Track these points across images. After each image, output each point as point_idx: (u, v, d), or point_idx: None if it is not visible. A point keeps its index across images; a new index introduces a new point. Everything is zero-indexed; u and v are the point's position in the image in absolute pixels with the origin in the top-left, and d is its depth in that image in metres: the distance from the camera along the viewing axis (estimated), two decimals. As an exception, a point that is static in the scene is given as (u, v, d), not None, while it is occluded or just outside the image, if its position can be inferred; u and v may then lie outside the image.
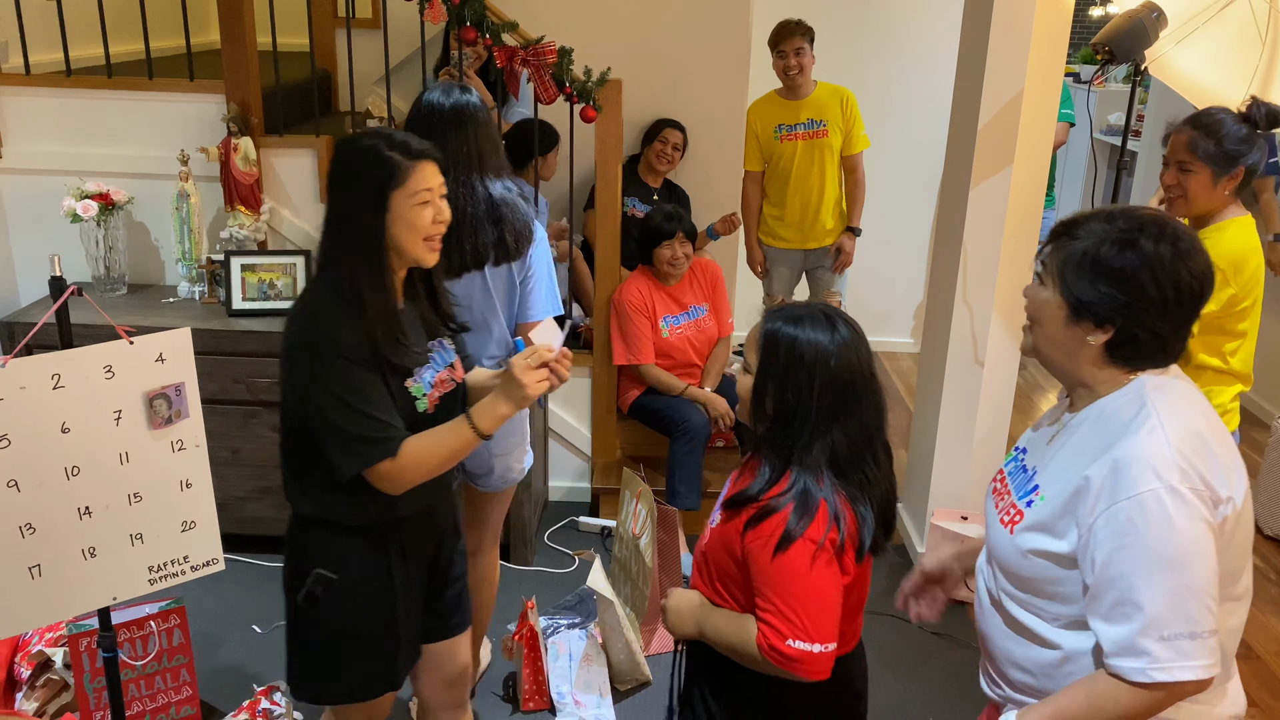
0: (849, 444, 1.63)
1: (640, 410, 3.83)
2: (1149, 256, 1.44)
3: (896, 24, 5.49)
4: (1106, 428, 1.50)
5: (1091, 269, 1.47)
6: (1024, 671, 1.61)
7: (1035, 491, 1.57)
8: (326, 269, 1.89)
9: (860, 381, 1.64)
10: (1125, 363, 1.51)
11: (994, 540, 1.63)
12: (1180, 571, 1.39)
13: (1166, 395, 1.50)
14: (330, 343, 1.80)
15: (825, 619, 1.61)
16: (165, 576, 2.16)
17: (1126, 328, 1.47)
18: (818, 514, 1.60)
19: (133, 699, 2.67)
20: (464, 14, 3.35)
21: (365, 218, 1.83)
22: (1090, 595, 1.46)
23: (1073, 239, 1.51)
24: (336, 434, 1.81)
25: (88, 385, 1.97)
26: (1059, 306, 1.51)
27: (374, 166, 1.82)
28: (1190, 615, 1.39)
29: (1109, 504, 1.43)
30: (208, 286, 3.56)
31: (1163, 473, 1.40)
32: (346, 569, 1.95)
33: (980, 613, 1.72)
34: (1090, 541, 1.45)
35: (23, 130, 3.59)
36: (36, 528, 1.97)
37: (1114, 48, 2.92)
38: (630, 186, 4.19)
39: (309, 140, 3.62)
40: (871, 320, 5.97)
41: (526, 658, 2.90)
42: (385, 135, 1.87)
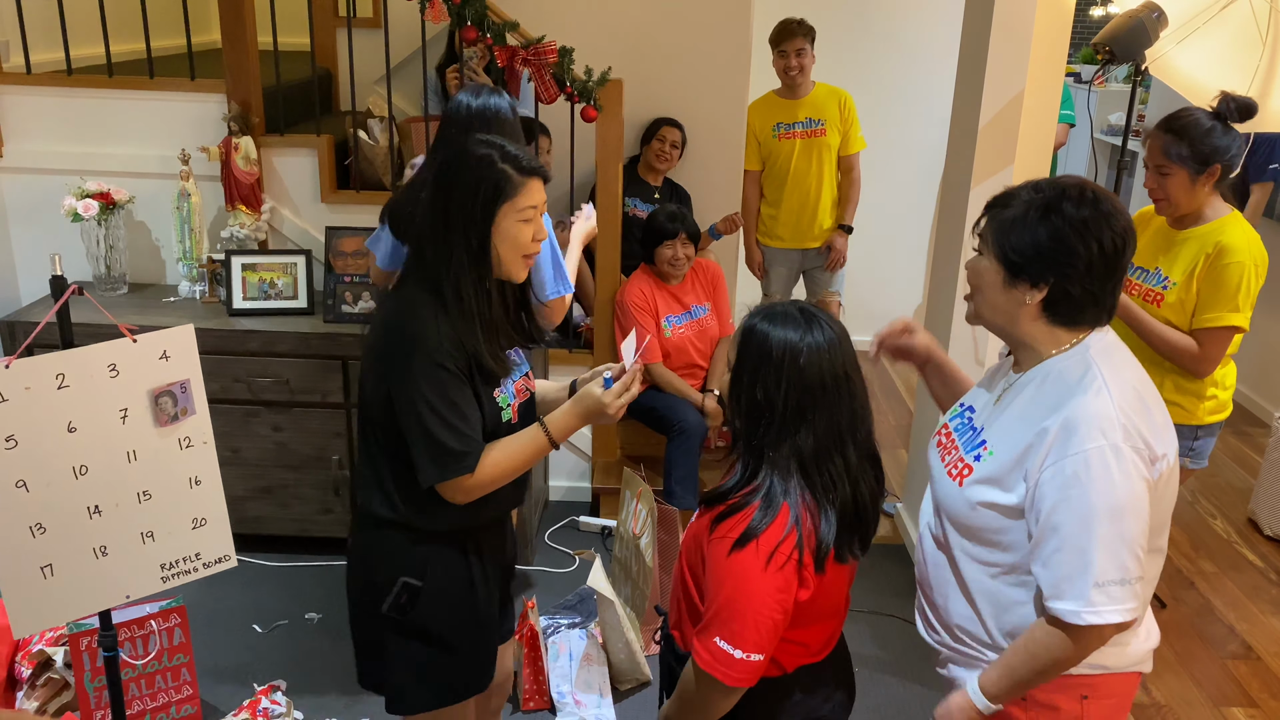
0: (816, 445, 1.60)
1: (639, 410, 3.83)
2: (1072, 219, 1.55)
3: (897, 24, 5.49)
4: (1054, 388, 1.60)
5: (1022, 233, 1.58)
6: (962, 616, 1.72)
7: (983, 446, 1.67)
8: (426, 273, 1.86)
9: (832, 382, 1.59)
10: (1064, 320, 1.61)
11: (942, 492, 1.72)
12: (1117, 523, 1.51)
13: (1109, 358, 1.61)
14: (433, 350, 1.79)
15: (759, 628, 1.57)
16: (177, 574, 2.16)
17: (1059, 285, 1.57)
18: (777, 517, 1.57)
19: (133, 698, 2.67)
20: (465, 14, 3.35)
21: (475, 228, 1.82)
22: (1033, 543, 1.57)
23: (1005, 208, 1.63)
24: (427, 442, 1.80)
25: (93, 384, 1.97)
26: (996, 272, 1.62)
27: (487, 177, 1.82)
28: (1123, 563, 1.52)
29: (1057, 459, 1.53)
30: (208, 286, 3.56)
31: (1108, 431, 1.51)
32: (430, 575, 1.94)
33: (925, 561, 1.81)
34: (1036, 493, 1.56)
35: (24, 129, 3.59)
36: (47, 527, 1.97)
37: (1115, 48, 2.92)
38: (631, 187, 4.19)
39: (310, 140, 3.62)
40: (871, 321, 5.94)
41: (527, 657, 2.90)
42: (499, 146, 1.86)
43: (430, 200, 1.87)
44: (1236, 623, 3.42)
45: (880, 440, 1.97)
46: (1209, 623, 3.42)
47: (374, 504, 1.93)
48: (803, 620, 1.64)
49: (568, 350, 3.92)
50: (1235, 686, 3.10)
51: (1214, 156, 2.48)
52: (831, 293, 4.71)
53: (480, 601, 2.02)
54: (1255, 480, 4.16)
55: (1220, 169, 2.50)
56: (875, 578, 3.56)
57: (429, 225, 1.86)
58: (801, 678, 1.72)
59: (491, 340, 1.88)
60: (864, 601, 3.40)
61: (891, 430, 4.82)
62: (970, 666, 1.73)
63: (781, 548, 1.56)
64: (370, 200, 3.64)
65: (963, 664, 1.75)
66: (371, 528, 1.95)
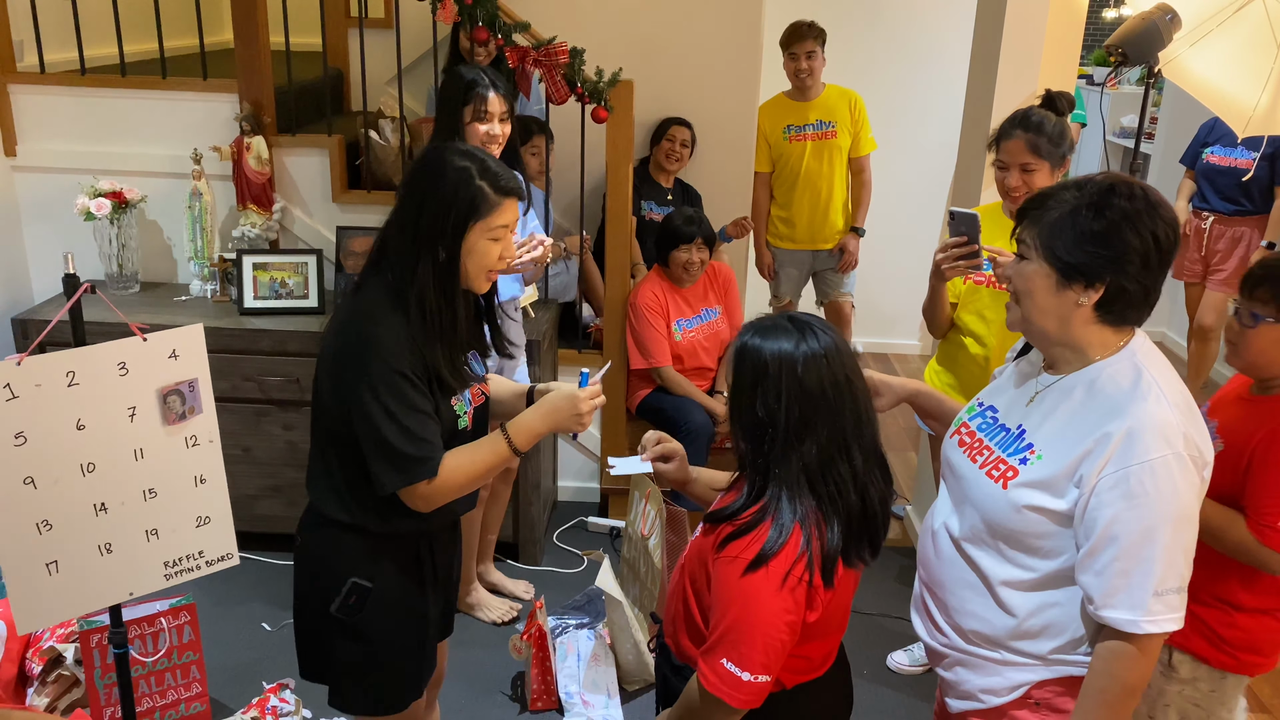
0: (821, 455, 1.56)
1: (647, 410, 3.83)
2: (1126, 212, 1.52)
3: (908, 25, 5.48)
4: (1107, 392, 1.56)
5: (1074, 232, 1.54)
6: (979, 620, 1.69)
7: (1030, 450, 1.62)
8: (389, 278, 1.83)
9: (832, 389, 1.56)
10: (1115, 319, 1.58)
11: (980, 494, 1.67)
12: (1179, 532, 1.50)
13: (1155, 362, 1.59)
14: (390, 356, 1.77)
15: (768, 650, 1.55)
16: (181, 571, 2.17)
17: (1115, 282, 1.53)
18: (790, 539, 1.54)
19: (143, 695, 2.68)
20: (476, 14, 3.35)
21: (444, 241, 1.80)
22: (1086, 552, 1.54)
23: (1046, 210, 1.58)
24: (383, 449, 1.78)
25: (102, 382, 1.97)
26: (1047, 275, 1.57)
27: (463, 192, 1.80)
28: (1180, 572, 1.51)
29: (1119, 466, 1.50)
30: (219, 285, 3.58)
31: (1172, 440, 1.49)
32: (381, 577, 1.92)
33: (934, 560, 1.77)
34: (1092, 501, 1.52)
35: (37, 128, 3.61)
36: (53, 524, 1.98)
37: (1127, 50, 2.91)
38: (643, 188, 4.19)
39: (321, 140, 3.63)
40: (881, 322, 5.99)
41: (535, 657, 2.91)
42: (478, 160, 1.83)
43: (402, 206, 1.84)
44: (1248, 628, 3.40)
45: (889, 443, 1.97)
46: (1220, 628, 3.40)
47: (328, 506, 1.91)
48: (808, 637, 1.62)
49: (577, 350, 3.93)
50: (1246, 691, 3.08)
51: (1068, 150, 2.57)
52: (843, 294, 4.70)
53: (428, 606, 2.01)
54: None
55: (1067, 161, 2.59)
56: (883, 580, 3.56)
57: (397, 231, 1.83)
58: (801, 693, 1.70)
59: (451, 350, 1.86)
60: (872, 604, 3.39)
61: (901, 433, 4.80)
62: (976, 670, 1.71)
63: (794, 571, 1.53)
64: (381, 200, 3.65)
65: (969, 667, 1.73)
66: (324, 526, 1.93)
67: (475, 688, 2.97)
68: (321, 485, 1.93)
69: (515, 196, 1.85)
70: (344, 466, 1.88)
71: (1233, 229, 4.67)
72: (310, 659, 2.04)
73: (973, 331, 2.75)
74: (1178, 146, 5.80)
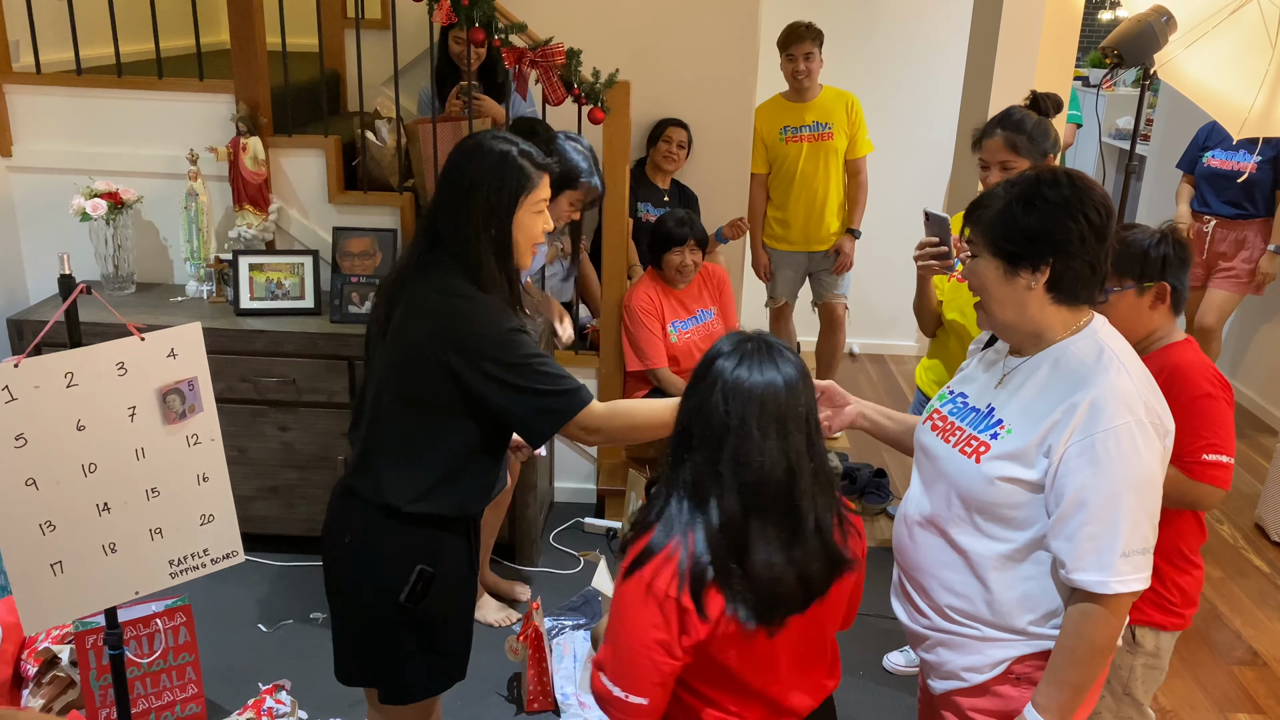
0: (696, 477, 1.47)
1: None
2: (1055, 198, 1.62)
3: (906, 27, 5.49)
4: (1071, 367, 1.65)
5: (1010, 222, 1.65)
6: (957, 595, 1.74)
7: (1000, 425, 1.70)
8: (453, 259, 1.93)
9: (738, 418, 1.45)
10: (1067, 297, 1.66)
11: (954, 470, 1.73)
12: (1142, 495, 1.58)
13: (1115, 340, 1.69)
14: (498, 319, 1.89)
15: (636, 667, 1.46)
16: (186, 570, 2.18)
17: (1060, 262, 1.63)
18: (667, 544, 1.46)
19: (138, 697, 2.68)
20: (473, 15, 3.35)
21: (497, 218, 1.92)
22: (1056, 518, 1.61)
23: (985, 209, 1.69)
24: (537, 399, 1.88)
25: (101, 383, 1.98)
26: (995, 267, 1.67)
27: (510, 171, 1.92)
28: (1144, 533, 1.59)
29: (1084, 434, 1.58)
30: (215, 286, 3.57)
31: (1134, 408, 1.58)
32: (442, 562, 2.00)
33: (909, 546, 1.83)
34: (1061, 468, 1.60)
35: (33, 129, 3.60)
36: (57, 525, 1.98)
37: (1123, 52, 2.92)
38: (639, 190, 4.19)
39: (318, 140, 3.63)
40: (877, 323, 6.00)
41: (531, 658, 2.91)
42: (513, 140, 1.96)
43: (449, 192, 1.94)
44: (1243, 628, 3.41)
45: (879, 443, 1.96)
46: (1215, 628, 3.41)
47: (400, 497, 1.95)
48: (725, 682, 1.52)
49: (574, 352, 3.93)
50: (1241, 692, 3.09)
51: (1050, 148, 2.60)
52: (837, 295, 4.71)
53: (476, 582, 2.15)
54: (1263, 486, 4.15)
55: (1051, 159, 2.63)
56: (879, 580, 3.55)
57: (449, 217, 1.93)
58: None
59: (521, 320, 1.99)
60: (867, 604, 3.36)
61: (897, 434, 4.82)
62: (958, 649, 1.76)
63: (659, 580, 1.44)
64: (377, 201, 3.65)
65: (951, 647, 1.77)
66: (382, 518, 1.97)
67: (471, 689, 2.97)
68: (398, 481, 1.96)
69: (549, 172, 1.99)
70: (431, 456, 1.95)
71: (1235, 232, 4.63)
72: (366, 662, 2.06)
73: (957, 328, 2.78)
74: (1173, 148, 5.82)
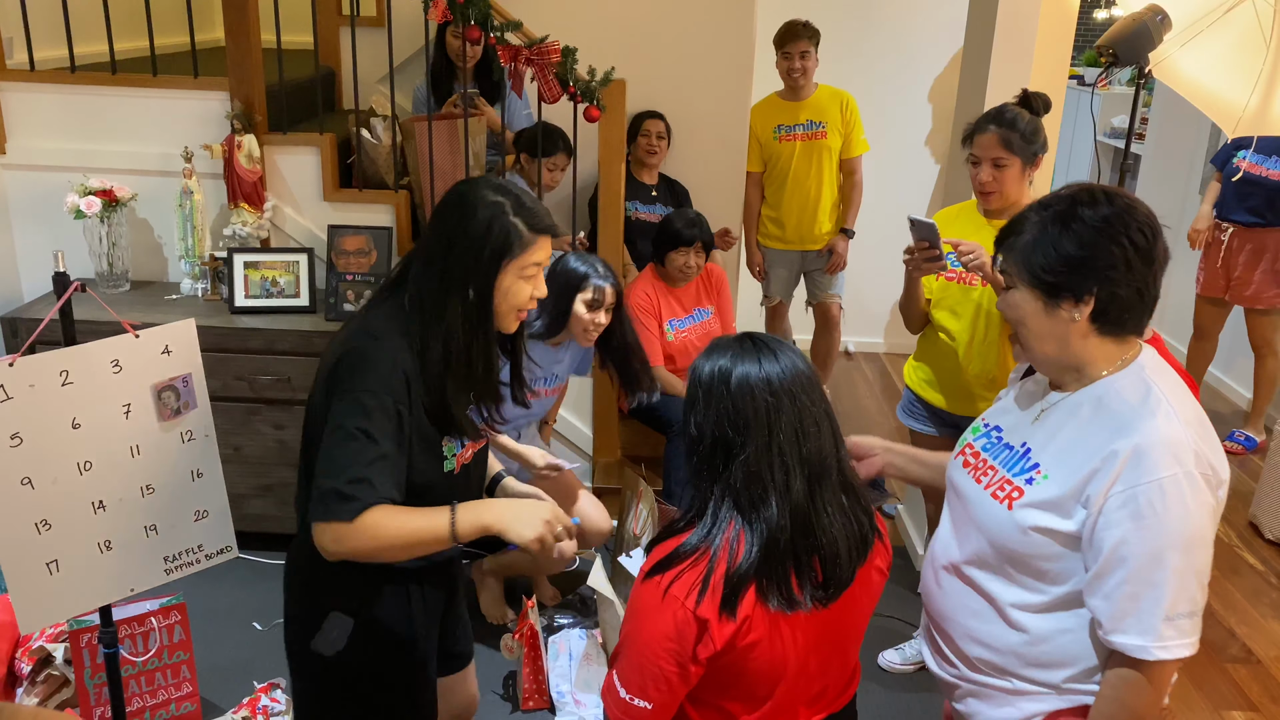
0: (746, 472, 1.45)
1: (640, 410, 3.83)
2: (1094, 221, 1.50)
3: (902, 26, 5.49)
4: (1115, 409, 1.52)
5: (1049, 250, 1.52)
6: (986, 648, 1.63)
7: (1036, 470, 1.58)
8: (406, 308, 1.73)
9: (766, 407, 1.44)
10: (1113, 328, 1.54)
11: (985, 515, 1.62)
12: (1190, 554, 1.45)
13: (1165, 377, 1.55)
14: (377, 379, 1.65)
15: (643, 672, 1.44)
16: (181, 566, 2.18)
17: (1105, 290, 1.50)
18: (696, 553, 1.44)
19: (133, 695, 2.67)
20: (468, 12, 3.35)
21: (476, 281, 1.70)
22: (1094, 574, 1.49)
23: (1019, 235, 1.56)
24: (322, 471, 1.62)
25: (96, 380, 1.98)
26: (1035, 299, 1.55)
27: (497, 229, 1.69)
28: (1192, 595, 1.46)
29: (1128, 486, 1.45)
30: (210, 284, 3.57)
31: (1182, 458, 1.45)
32: (371, 611, 1.81)
33: (936, 592, 1.73)
34: (1100, 521, 1.48)
35: (27, 126, 3.59)
36: (52, 523, 1.98)
37: (1118, 51, 2.92)
38: (627, 189, 4.18)
39: (313, 138, 3.62)
40: (873, 323, 6.00)
41: (526, 657, 2.90)
42: (514, 196, 1.73)
43: (429, 241, 1.75)
44: (1237, 626, 3.42)
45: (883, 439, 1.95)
46: (1210, 626, 3.42)
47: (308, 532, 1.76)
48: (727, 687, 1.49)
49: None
50: (1236, 690, 3.09)
51: (1041, 147, 2.59)
52: (831, 295, 4.71)
53: (419, 637, 1.89)
54: (1256, 484, 4.16)
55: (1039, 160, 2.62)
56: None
57: (423, 266, 1.73)
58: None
59: (469, 394, 1.76)
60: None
61: (894, 432, 4.82)
62: (988, 701, 1.66)
63: (678, 584, 1.42)
64: (372, 199, 3.64)
65: (981, 698, 1.68)
66: (310, 555, 1.73)
67: (467, 687, 2.97)
68: None
69: (550, 234, 1.76)
70: None
71: (1253, 242, 4.41)
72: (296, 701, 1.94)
73: (944, 327, 2.79)
74: (1168, 147, 5.84)
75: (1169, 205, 5.83)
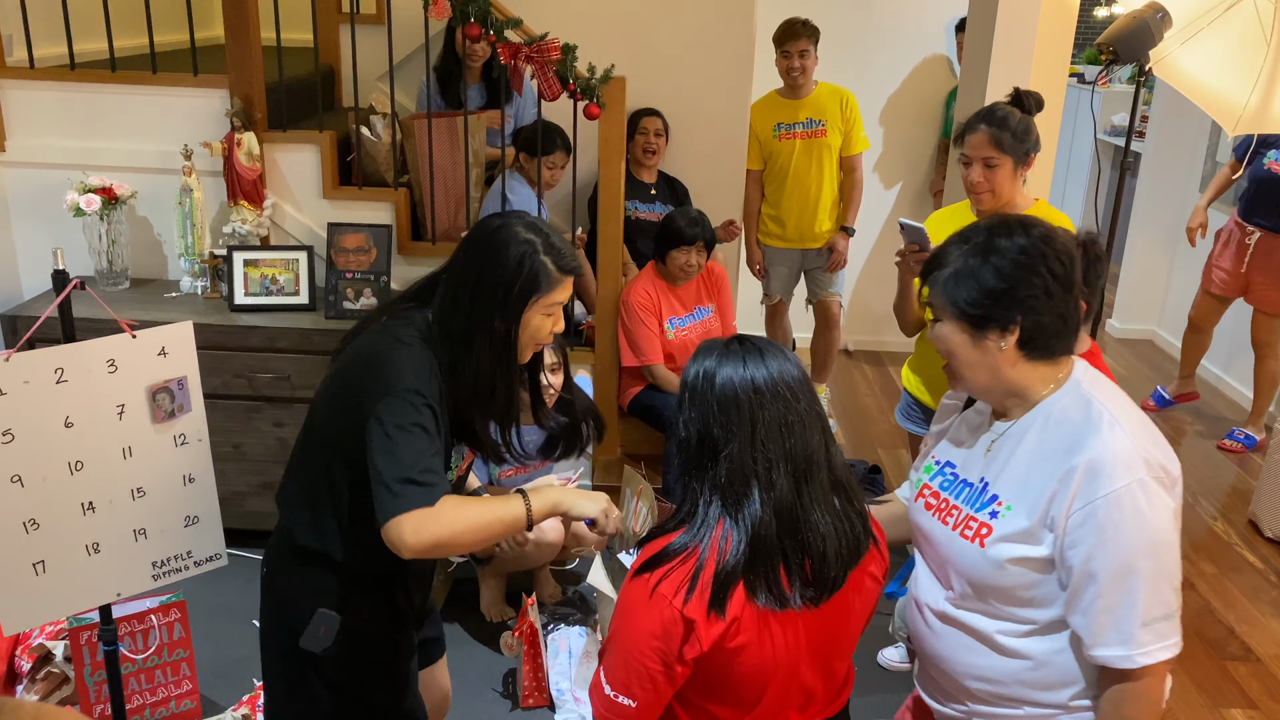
0: (730, 469, 1.45)
1: (639, 407, 3.84)
2: (1013, 251, 1.53)
3: (902, 24, 5.48)
4: (1061, 428, 1.55)
5: (970, 283, 1.55)
6: (988, 682, 1.64)
7: (997, 502, 1.59)
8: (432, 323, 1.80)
9: (749, 405, 1.45)
10: (1042, 353, 1.57)
11: (958, 555, 1.62)
12: (1156, 559, 1.48)
13: (1101, 388, 1.58)
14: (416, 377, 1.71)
15: (629, 669, 1.44)
16: (169, 572, 2.16)
17: (1029, 319, 1.53)
18: (678, 556, 1.44)
19: (133, 693, 2.67)
20: (468, 10, 3.34)
21: (503, 314, 1.76)
22: (1070, 592, 1.52)
23: (941, 268, 1.59)
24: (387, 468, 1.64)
25: (91, 379, 1.97)
26: (961, 331, 1.58)
27: (527, 267, 1.76)
28: (1165, 599, 1.49)
29: (1085, 502, 1.48)
30: (210, 281, 3.56)
31: (1133, 467, 1.48)
32: (355, 612, 1.83)
33: (928, 634, 1.72)
34: (1066, 540, 1.50)
35: (26, 124, 3.59)
36: (40, 523, 1.96)
37: (1118, 48, 2.92)
38: (625, 188, 4.18)
39: (312, 136, 3.62)
40: (874, 322, 5.99)
41: (526, 654, 2.90)
42: (544, 234, 1.79)
43: (459, 270, 1.80)
44: (1236, 624, 3.42)
45: (881, 440, 1.94)
46: (1209, 624, 3.42)
47: (300, 534, 1.83)
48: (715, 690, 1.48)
49: (570, 348, 3.92)
50: (1235, 688, 3.09)
51: (1034, 146, 2.57)
52: (831, 293, 4.71)
53: (401, 643, 1.92)
54: (1256, 482, 4.16)
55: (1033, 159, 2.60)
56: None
57: (451, 293, 1.79)
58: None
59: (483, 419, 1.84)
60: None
61: (893, 431, 4.81)
62: None
63: (666, 583, 1.42)
64: (372, 197, 3.64)
65: None
66: (291, 555, 1.84)
67: (466, 685, 2.97)
68: (300, 518, 1.84)
69: (575, 275, 1.83)
70: (332, 501, 1.79)
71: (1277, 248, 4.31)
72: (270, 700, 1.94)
73: None
74: (1169, 145, 5.83)
75: (1169, 203, 5.83)
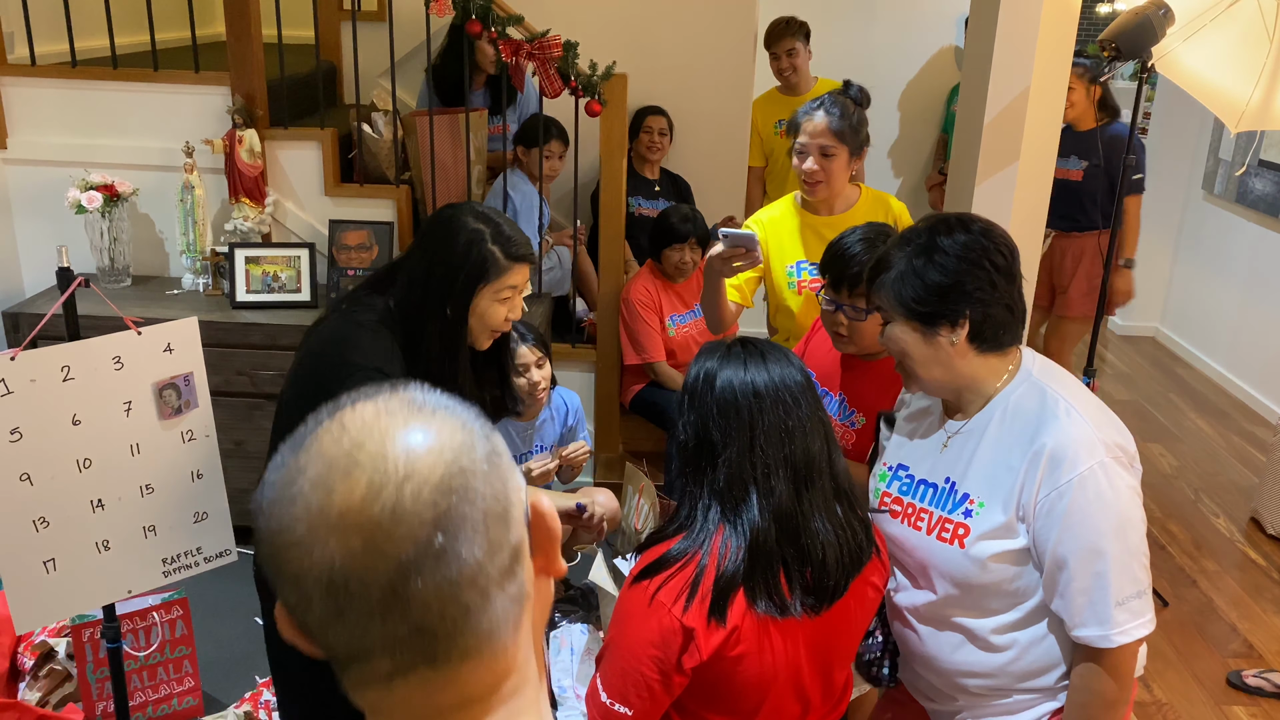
0: (730, 474, 1.45)
1: (641, 404, 3.84)
2: (955, 248, 1.56)
3: (902, 19, 5.48)
4: (1018, 419, 1.58)
5: (916, 282, 1.57)
6: (978, 677, 1.66)
7: (969, 500, 1.61)
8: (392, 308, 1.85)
9: (749, 409, 1.44)
10: (993, 344, 1.60)
11: (937, 559, 1.64)
12: (1124, 539, 1.51)
13: (1052, 375, 1.62)
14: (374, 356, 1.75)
15: (625, 677, 1.43)
16: (179, 568, 2.16)
17: (977, 312, 1.56)
18: (677, 562, 1.43)
19: (135, 690, 2.67)
20: (469, 7, 3.34)
21: (452, 301, 1.82)
22: (1046, 578, 1.56)
23: (886, 270, 1.61)
24: None
25: (97, 377, 1.97)
26: (912, 330, 1.60)
27: (474, 255, 1.81)
28: (1135, 576, 1.52)
29: (1050, 490, 1.52)
30: (212, 278, 3.56)
31: (1093, 450, 1.51)
32: None
33: (913, 638, 1.73)
34: (1035, 528, 1.54)
35: (28, 121, 3.59)
36: (50, 521, 1.96)
37: (1121, 45, 2.92)
38: (629, 184, 4.18)
39: (314, 133, 3.62)
40: (874, 317, 5.99)
41: (529, 651, 2.90)
42: (493, 223, 1.84)
43: (414, 259, 1.87)
44: (1239, 621, 3.42)
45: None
46: (1211, 621, 3.42)
47: None
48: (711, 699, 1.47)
49: (570, 345, 3.92)
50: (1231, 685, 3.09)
51: (866, 140, 2.58)
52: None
53: None
54: (1259, 479, 4.16)
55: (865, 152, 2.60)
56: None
57: (406, 281, 1.85)
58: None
59: None
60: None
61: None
62: (984, 710, 1.69)
63: (665, 591, 1.41)
64: (374, 194, 3.64)
65: (977, 711, 1.70)
66: None
67: (469, 682, 2.97)
68: None
69: (527, 263, 1.87)
70: None
71: (1074, 246, 4.11)
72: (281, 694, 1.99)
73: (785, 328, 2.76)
74: (1171, 141, 5.83)
75: (1171, 200, 5.83)
